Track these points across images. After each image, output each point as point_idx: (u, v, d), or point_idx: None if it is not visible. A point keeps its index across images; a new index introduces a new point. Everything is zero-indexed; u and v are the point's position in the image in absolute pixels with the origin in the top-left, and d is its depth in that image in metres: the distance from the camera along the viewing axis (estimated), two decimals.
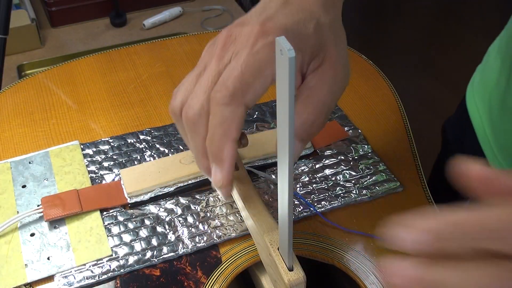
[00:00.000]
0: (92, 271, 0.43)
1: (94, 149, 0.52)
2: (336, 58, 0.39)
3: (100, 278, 0.42)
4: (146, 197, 0.47)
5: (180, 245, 0.44)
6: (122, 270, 0.43)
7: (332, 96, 0.38)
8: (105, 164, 0.51)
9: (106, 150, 0.53)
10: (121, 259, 0.43)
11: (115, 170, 0.51)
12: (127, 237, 0.45)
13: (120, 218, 0.46)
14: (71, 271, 0.42)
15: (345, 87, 0.40)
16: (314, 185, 0.50)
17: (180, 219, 0.47)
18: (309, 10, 0.39)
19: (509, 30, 0.57)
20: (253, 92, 0.36)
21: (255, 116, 0.57)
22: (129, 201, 0.47)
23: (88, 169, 0.51)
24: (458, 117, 0.67)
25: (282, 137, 0.29)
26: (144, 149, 0.53)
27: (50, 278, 0.42)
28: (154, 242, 0.45)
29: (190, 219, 0.46)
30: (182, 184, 0.48)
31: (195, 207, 0.48)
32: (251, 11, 0.41)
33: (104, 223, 0.46)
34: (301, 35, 0.38)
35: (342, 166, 0.52)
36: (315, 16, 0.39)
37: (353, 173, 0.51)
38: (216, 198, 0.48)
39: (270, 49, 0.36)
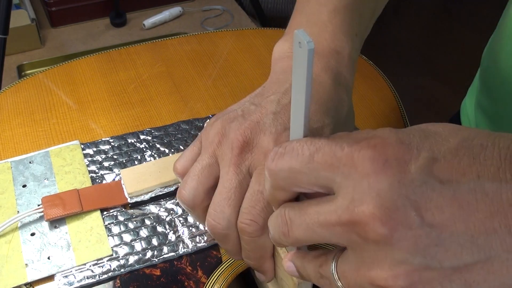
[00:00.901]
0: (92, 271, 0.43)
1: (95, 149, 0.53)
2: None
3: (101, 278, 0.42)
4: (147, 197, 0.47)
5: (181, 245, 0.44)
6: (122, 270, 0.43)
7: None
8: (106, 164, 0.51)
9: (106, 150, 0.53)
10: (122, 258, 0.43)
11: (116, 170, 0.51)
12: (127, 237, 0.45)
13: (121, 218, 0.46)
14: (71, 271, 0.43)
15: None
16: None
17: (180, 219, 0.47)
18: (326, 110, 0.38)
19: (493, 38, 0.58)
20: None
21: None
22: (129, 201, 0.47)
23: (89, 169, 0.51)
24: (459, 117, 0.68)
25: (295, 131, 0.30)
26: (144, 149, 0.53)
27: (50, 278, 0.42)
28: (154, 242, 0.45)
29: (190, 219, 0.46)
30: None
31: None
32: (263, 94, 0.39)
33: (104, 223, 0.46)
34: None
35: None
36: (333, 117, 0.38)
37: None
38: None
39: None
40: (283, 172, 0.27)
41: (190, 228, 0.46)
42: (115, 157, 0.52)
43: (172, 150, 0.53)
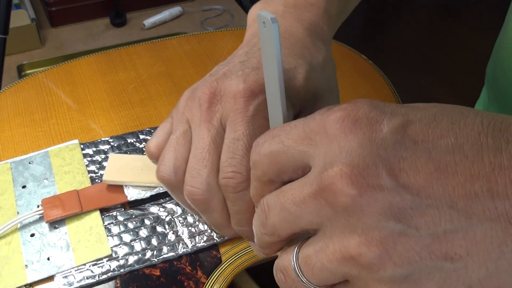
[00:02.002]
0: (92, 271, 0.43)
1: (94, 149, 0.52)
2: (327, 104, 0.36)
3: (100, 278, 0.42)
4: (147, 195, 0.47)
5: (180, 245, 0.44)
6: (122, 270, 0.43)
7: None
8: (105, 164, 0.51)
9: (106, 150, 0.53)
10: (121, 259, 0.43)
11: None
12: (127, 237, 0.45)
13: (120, 218, 0.46)
14: (71, 271, 0.42)
15: None
16: None
17: (180, 219, 0.47)
18: (299, 53, 0.36)
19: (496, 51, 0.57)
20: None
21: None
22: (129, 198, 0.47)
23: (88, 169, 0.51)
24: None
25: (273, 111, 0.29)
26: (144, 149, 0.53)
27: (50, 278, 0.42)
28: (154, 242, 0.45)
29: (190, 219, 0.46)
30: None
31: None
32: (233, 55, 0.38)
33: (104, 223, 0.46)
34: (290, 90, 0.34)
35: None
36: (306, 59, 0.36)
37: None
38: None
39: (263, 110, 0.33)
40: (266, 158, 0.26)
41: (190, 228, 0.46)
42: None
43: None
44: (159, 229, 0.46)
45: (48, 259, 0.43)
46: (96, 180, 0.50)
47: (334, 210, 0.22)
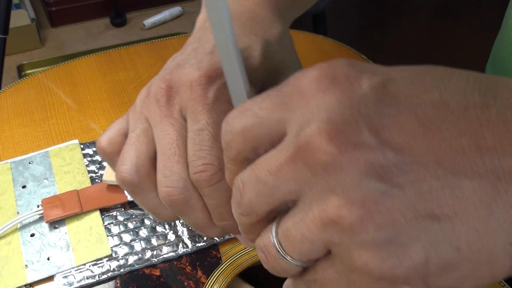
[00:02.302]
0: (92, 271, 0.43)
1: (94, 149, 0.52)
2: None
3: (100, 278, 0.42)
4: None
5: (180, 244, 0.44)
6: (122, 270, 0.43)
7: None
8: (105, 164, 0.51)
9: None
10: (121, 259, 0.43)
11: None
12: (127, 237, 0.45)
13: (120, 218, 0.46)
14: (71, 271, 0.42)
15: None
16: None
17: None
18: (252, 30, 0.35)
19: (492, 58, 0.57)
20: None
21: None
22: (129, 198, 0.47)
23: (88, 168, 0.51)
24: None
25: (235, 90, 0.27)
26: None
27: (50, 278, 0.42)
28: (154, 242, 0.45)
29: None
30: None
31: None
32: (186, 43, 0.36)
33: (104, 223, 0.46)
34: (248, 69, 0.31)
35: None
36: (261, 35, 0.35)
37: None
38: None
39: (224, 94, 0.31)
40: (239, 135, 0.23)
41: (190, 228, 0.46)
42: None
43: None
44: (159, 229, 0.46)
45: (48, 259, 0.43)
46: (96, 180, 0.50)
47: (313, 172, 0.20)
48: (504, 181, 0.20)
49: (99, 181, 0.50)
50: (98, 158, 0.52)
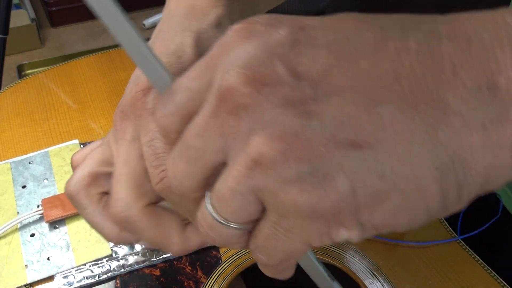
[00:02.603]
0: (92, 271, 0.43)
1: None
2: None
3: (100, 278, 0.42)
4: None
5: None
6: (122, 270, 0.43)
7: None
8: None
9: None
10: (121, 258, 0.43)
11: None
12: None
13: None
14: (71, 271, 0.42)
15: None
16: None
17: None
18: (183, 27, 0.35)
19: None
20: None
21: None
22: None
23: None
24: None
25: (157, 80, 0.25)
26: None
27: (50, 278, 0.42)
28: None
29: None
30: None
31: None
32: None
33: None
34: (184, 69, 0.29)
35: None
36: (193, 26, 0.35)
37: None
38: None
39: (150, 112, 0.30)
40: (173, 116, 0.23)
41: None
42: None
43: None
44: None
45: (48, 259, 0.43)
46: None
47: (235, 118, 0.20)
48: (423, 103, 0.20)
49: None
50: None
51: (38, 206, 0.47)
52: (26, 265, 0.43)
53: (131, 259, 0.43)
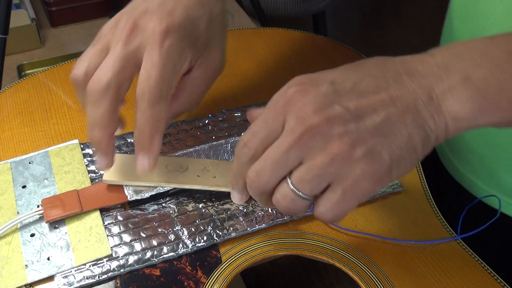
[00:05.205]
0: (92, 271, 0.43)
1: (94, 149, 0.52)
2: (217, 53, 0.46)
3: (100, 278, 0.42)
4: (147, 195, 0.47)
5: (180, 244, 0.44)
6: (122, 270, 0.43)
7: (209, 85, 0.47)
8: None
9: None
10: (121, 258, 0.43)
11: None
12: (127, 237, 0.45)
13: (120, 218, 0.46)
14: (71, 271, 0.42)
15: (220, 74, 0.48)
16: None
17: (180, 218, 0.47)
18: (203, 2, 0.44)
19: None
20: (172, 87, 0.42)
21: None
22: (129, 198, 0.47)
23: (88, 168, 0.51)
24: None
25: None
26: None
27: (50, 278, 0.42)
28: (154, 241, 0.45)
29: (190, 219, 0.46)
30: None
31: (195, 206, 0.48)
32: None
33: (104, 223, 0.46)
34: (195, 34, 0.43)
35: None
36: (208, 8, 0.44)
37: None
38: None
39: (176, 47, 0.41)
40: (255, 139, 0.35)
41: (190, 228, 0.46)
42: None
43: (172, 150, 0.53)
44: (159, 229, 0.46)
45: (48, 259, 0.43)
46: (96, 180, 0.50)
47: (313, 138, 0.33)
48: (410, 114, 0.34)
49: (99, 181, 0.50)
50: None
51: (38, 206, 0.47)
52: (26, 265, 0.43)
53: (131, 259, 0.43)
